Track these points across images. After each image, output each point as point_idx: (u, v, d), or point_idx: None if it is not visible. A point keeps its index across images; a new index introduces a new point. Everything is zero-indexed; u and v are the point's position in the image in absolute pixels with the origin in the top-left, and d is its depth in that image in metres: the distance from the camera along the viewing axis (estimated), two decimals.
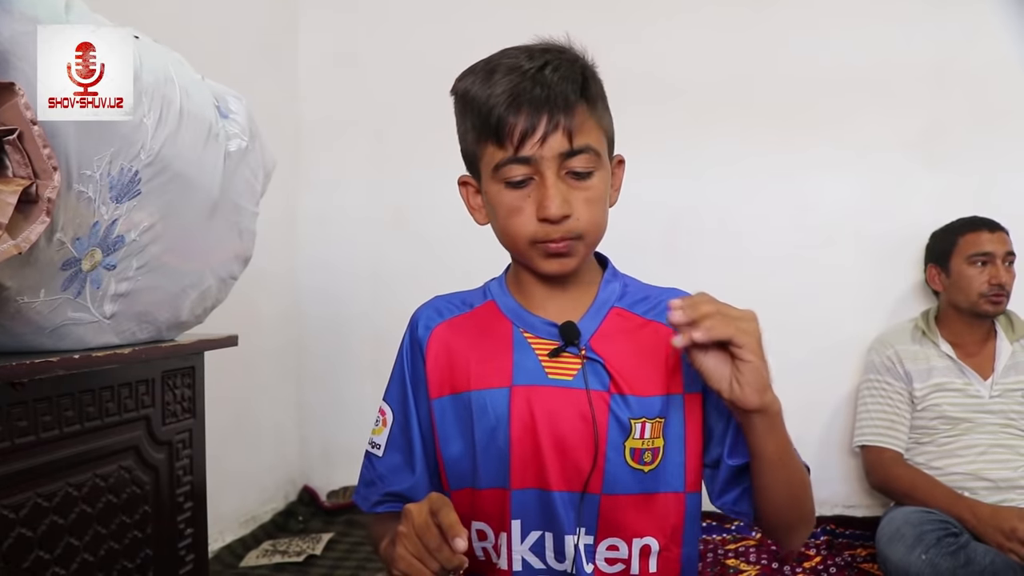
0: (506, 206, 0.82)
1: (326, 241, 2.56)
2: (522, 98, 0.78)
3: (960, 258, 1.97)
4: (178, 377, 1.18)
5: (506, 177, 0.81)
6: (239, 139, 1.14)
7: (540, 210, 0.80)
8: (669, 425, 0.85)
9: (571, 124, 0.79)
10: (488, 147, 0.81)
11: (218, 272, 1.22)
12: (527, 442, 0.84)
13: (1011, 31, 2.21)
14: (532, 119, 0.78)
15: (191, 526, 1.19)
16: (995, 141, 2.21)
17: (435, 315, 0.94)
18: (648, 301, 0.91)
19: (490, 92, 0.80)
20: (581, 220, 0.82)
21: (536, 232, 0.81)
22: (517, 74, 0.79)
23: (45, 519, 0.92)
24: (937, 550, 1.59)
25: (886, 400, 1.98)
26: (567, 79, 0.79)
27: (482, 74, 0.82)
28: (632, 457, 0.84)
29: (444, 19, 2.46)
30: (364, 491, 0.95)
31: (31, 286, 0.86)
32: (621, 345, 0.87)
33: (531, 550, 0.85)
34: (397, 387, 0.94)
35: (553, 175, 0.80)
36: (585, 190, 0.82)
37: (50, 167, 0.77)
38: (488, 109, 0.79)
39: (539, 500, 0.84)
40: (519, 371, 0.86)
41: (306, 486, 2.52)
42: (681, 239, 2.37)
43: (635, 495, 0.84)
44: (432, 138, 2.16)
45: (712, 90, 2.33)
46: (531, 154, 0.79)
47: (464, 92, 0.84)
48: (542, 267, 0.85)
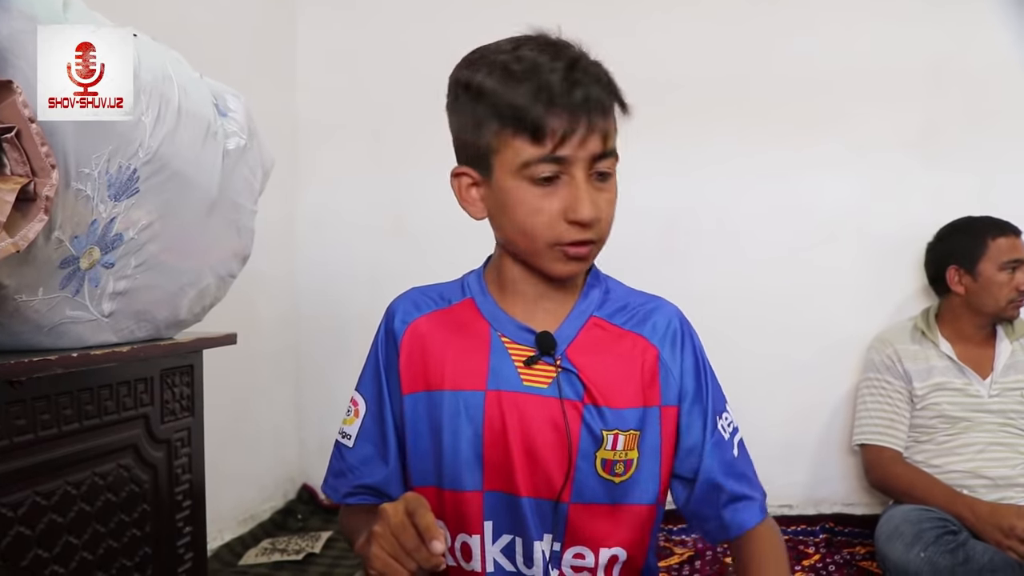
0: (528, 204, 0.80)
1: (324, 240, 2.55)
2: (562, 99, 0.76)
3: (991, 263, 1.92)
4: (177, 375, 1.18)
5: (534, 174, 0.79)
6: (237, 137, 1.14)
7: (571, 212, 0.79)
8: (645, 437, 0.85)
9: (606, 127, 0.79)
10: (516, 142, 0.79)
11: (217, 270, 1.22)
12: (498, 447, 0.83)
13: (1008, 30, 2.21)
14: (573, 120, 0.76)
15: (190, 524, 1.19)
16: (993, 140, 2.21)
17: (412, 308, 0.92)
18: (627, 311, 0.90)
19: (522, 88, 0.77)
20: (603, 224, 0.82)
21: (562, 234, 0.80)
22: (548, 71, 0.77)
23: (44, 517, 0.92)
24: (936, 548, 1.59)
25: (885, 399, 1.98)
26: (599, 82, 0.79)
27: (500, 67, 0.79)
28: (603, 468, 0.83)
29: (443, 19, 2.45)
30: (333, 481, 0.94)
31: (29, 284, 0.86)
32: (598, 356, 0.86)
33: (502, 552, 0.85)
34: (371, 377, 0.93)
35: (584, 176, 0.79)
36: (608, 192, 0.82)
37: (48, 165, 0.77)
38: (522, 105, 0.77)
39: (508, 504, 0.84)
40: (494, 375, 0.85)
41: (305, 484, 2.52)
42: (678, 239, 2.36)
43: (604, 505, 0.84)
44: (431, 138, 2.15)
45: (709, 88, 2.32)
46: (567, 154, 0.78)
47: (478, 84, 0.80)
48: (555, 269, 0.83)
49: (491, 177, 0.83)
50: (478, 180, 0.85)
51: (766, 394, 2.27)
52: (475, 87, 0.81)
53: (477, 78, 0.81)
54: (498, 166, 0.81)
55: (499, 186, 0.82)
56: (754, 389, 2.21)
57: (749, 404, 2.14)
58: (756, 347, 2.29)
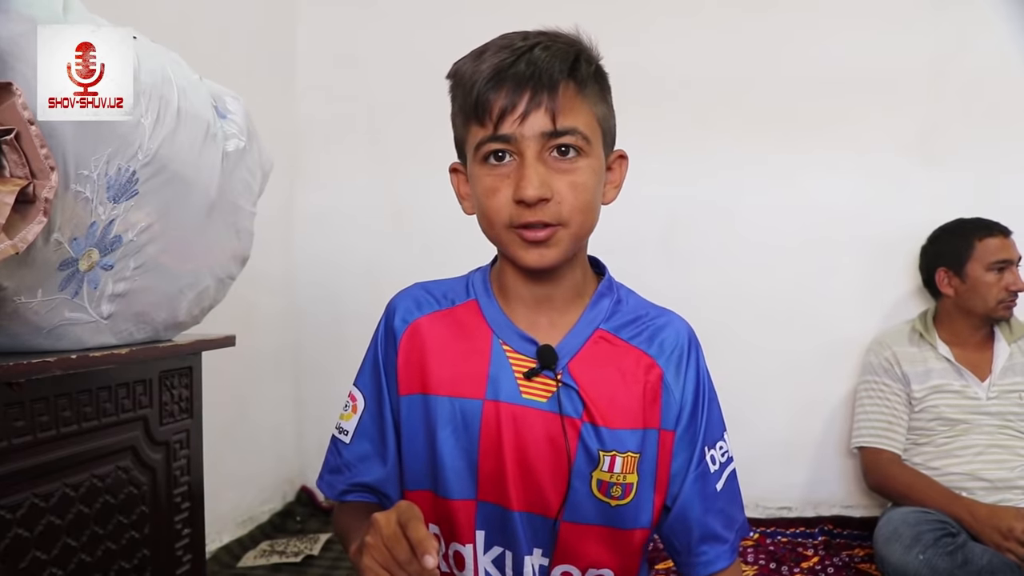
0: (484, 186, 0.78)
1: (324, 241, 2.55)
2: (504, 73, 0.74)
3: (979, 264, 1.93)
4: (175, 377, 1.18)
5: (485, 155, 0.78)
6: (237, 139, 1.14)
7: (516, 191, 0.75)
8: (644, 461, 0.83)
9: (555, 103, 0.75)
10: (472, 127, 0.78)
11: (216, 272, 1.22)
12: (493, 458, 0.82)
13: (1007, 33, 2.21)
14: (513, 96, 0.74)
15: (188, 526, 1.19)
16: (992, 142, 2.22)
17: (413, 307, 0.90)
18: (637, 324, 0.87)
19: (475, 69, 0.77)
20: (564, 205, 0.77)
21: (512, 215, 0.77)
22: (506, 51, 0.76)
23: (42, 519, 0.92)
24: (935, 550, 1.59)
25: (884, 401, 1.99)
26: (556, 57, 0.76)
27: (473, 54, 0.79)
28: (599, 489, 0.82)
29: (441, 18, 2.45)
30: (329, 477, 0.92)
31: (28, 286, 0.86)
32: (600, 372, 0.83)
33: (493, 563, 0.84)
34: (370, 374, 0.92)
35: (533, 156, 0.75)
36: (570, 173, 0.77)
37: (47, 167, 0.77)
38: (471, 86, 0.76)
39: (500, 517, 0.82)
40: (493, 385, 0.83)
41: (304, 486, 2.52)
42: (679, 240, 2.37)
43: (598, 526, 0.82)
44: (430, 138, 2.15)
45: (710, 91, 2.33)
46: (511, 132, 0.75)
47: (454, 73, 0.81)
48: (520, 257, 0.79)
49: (467, 168, 0.83)
50: (465, 173, 0.85)
51: (765, 396, 2.27)
52: (450, 77, 0.82)
53: (453, 69, 0.81)
54: (469, 155, 0.81)
55: (470, 174, 0.82)
56: (753, 392, 2.22)
57: (748, 407, 2.14)
58: (755, 349, 2.29)
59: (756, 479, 2.00)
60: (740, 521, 0.89)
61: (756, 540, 2.10)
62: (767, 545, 2.05)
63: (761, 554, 2.01)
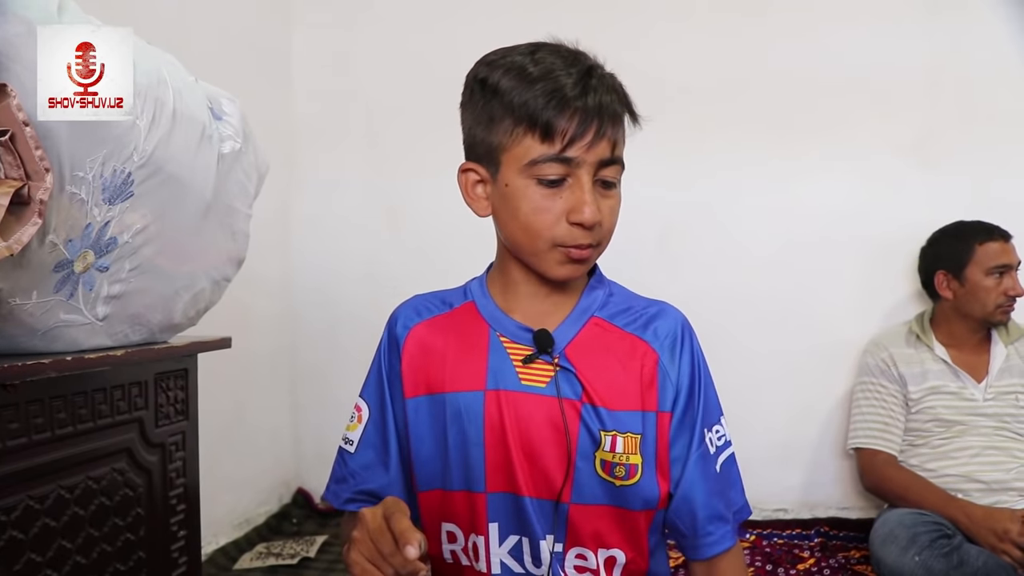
0: (533, 203, 0.82)
1: (320, 244, 2.55)
2: (575, 102, 0.79)
3: (978, 268, 1.92)
4: (171, 379, 1.17)
5: (541, 174, 0.81)
6: (232, 141, 1.14)
7: (574, 214, 0.80)
8: (646, 442, 0.85)
9: (616, 135, 0.82)
10: (526, 140, 0.80)
11: (211, 274, 1.21)
12: (499, 447, 0.84)
13: (1003, 36, 2.22)
14: (584, 124, 0.79)
15: (184, 528, 1.19)
16: (988, 145, 2.22)
17: (413, 314, 0.94)
18: (630, 313, 0.91)
19: (537, 87, 0.79)
20: (604, 229, 0.84)
21: (564, 236, 0.82)
22: (563, 75, 0.80)
23: (37, 521, 0.92)
24: (930, 552, 1.59)
25: (880, 403, 1.99)
26: (613, 91, 0.82)
27: (517, 67, 0.81)
28: (603, 468, 0.83)
29: (437, 21, 2.46)
30: (335, 487, 0.94)
31: (23, 288, 0.86)
32: (597, 356, 0.86)
33: (510, 553, 0.85)
34: (374, 384, 0.94)
35: (589, 181, 0.81)
36: (610, 198, 0.84)
37: (42, 168, 0.77)
38: (536, 103, 0.79)
39: (513, 504, 0.84)
40: (493, 375, 0.86)
41: (300, 488, 2.52)
42: (676, 243, 2.37)
43: (605, 506, 0.84)
44: (426, 141, 2.16)
45: (708, 94, 2.33)
46: (576, 156, 0.79)
47: (494, 82, 0.82)
48: (554, 271, 0.85)
49: (498, 175, 0.84)
50: (485, 177, 0.86)
51: (761, 398, 2.28)
52: (491, 85, 0.83)
53: (494, 76, 0.82)
54: (506, 164, 0.83)
55: (506, 184, 0.83)
56: (749, 393, 2.22)
57: (744, 408, 2.14)
58: (752, 351, 2.30)
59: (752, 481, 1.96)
60: (739, 504, 0.92)
61: (752, 542, 2.10)
62: (763, 547, 2.06)
63: (757, 556, 2.01)
